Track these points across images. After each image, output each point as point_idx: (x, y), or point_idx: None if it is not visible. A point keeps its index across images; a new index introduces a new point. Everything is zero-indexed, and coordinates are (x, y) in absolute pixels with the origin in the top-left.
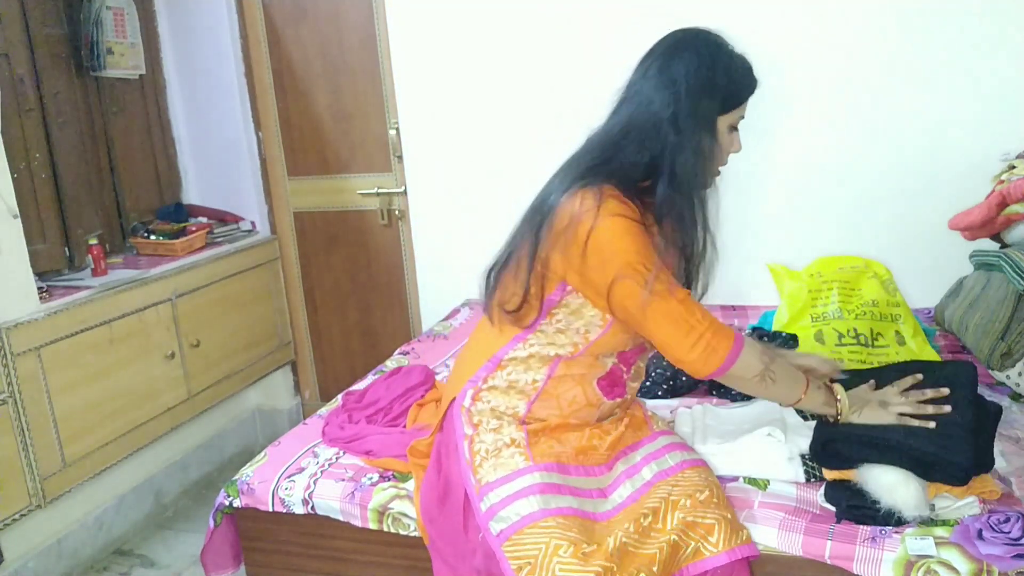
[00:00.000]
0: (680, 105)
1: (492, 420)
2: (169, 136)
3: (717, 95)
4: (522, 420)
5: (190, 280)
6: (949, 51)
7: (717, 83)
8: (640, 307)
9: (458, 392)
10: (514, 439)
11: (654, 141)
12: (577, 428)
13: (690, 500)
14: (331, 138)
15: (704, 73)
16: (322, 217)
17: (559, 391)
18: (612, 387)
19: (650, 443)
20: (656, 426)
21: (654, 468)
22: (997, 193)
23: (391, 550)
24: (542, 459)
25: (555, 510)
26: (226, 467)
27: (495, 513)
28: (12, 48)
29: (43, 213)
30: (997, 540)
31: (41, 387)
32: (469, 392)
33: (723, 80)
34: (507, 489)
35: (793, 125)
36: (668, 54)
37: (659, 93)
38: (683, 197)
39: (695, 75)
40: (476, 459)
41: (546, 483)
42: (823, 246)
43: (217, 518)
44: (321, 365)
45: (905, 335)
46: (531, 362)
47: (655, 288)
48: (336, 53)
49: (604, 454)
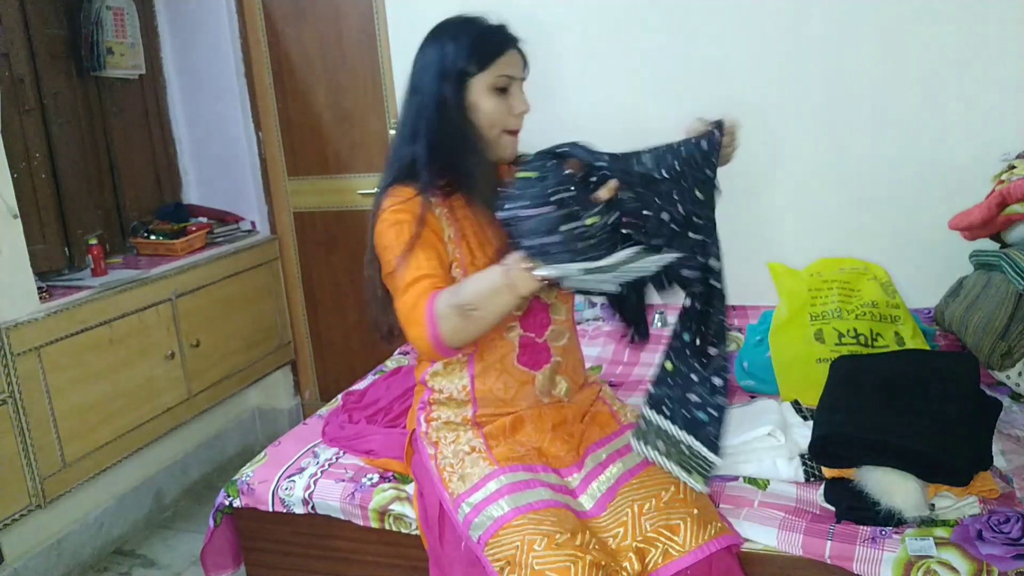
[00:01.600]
0: (417, 81)
1: (448, 433)
2: (169, 136)
3: (453, 60)
4: (474, 421)
5: (190, 280)
6: (949, 51)
7: (448, 50)
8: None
9: (414, 422)
10: (473, 446)
11: (411, 125)
12: (534, 428)
13: (654, 500)
14: (331, 138)
15: (433, 44)
16: (322, 217)
17: (489, 385)
18: (534, 358)
19: (617, 438)
20: (624, 419)
21: (620, 467)
22: (997, 193)
23: (391, 550)
24: (506, 462)
25: (526, 507)
26: (226, 467)
27: (471, 522)
28: (12, 48)
29: (43, 213)
30: (997, 540)
31: (41, 387)
32: (420, 417)
33: (455, 45)
34: (477, 497)
35: (794, 126)
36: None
37: (408, 90)
38: (458, 164)
39: (423, 51)
40: (444, 475)
41: (513, 483)
42: (823, 247)
43: (217, 518)
44: (321, 365)
45: (905, 336)
46: (450, 371)
47: (393, 284)
48: (336, 53)
49: (569, 455)
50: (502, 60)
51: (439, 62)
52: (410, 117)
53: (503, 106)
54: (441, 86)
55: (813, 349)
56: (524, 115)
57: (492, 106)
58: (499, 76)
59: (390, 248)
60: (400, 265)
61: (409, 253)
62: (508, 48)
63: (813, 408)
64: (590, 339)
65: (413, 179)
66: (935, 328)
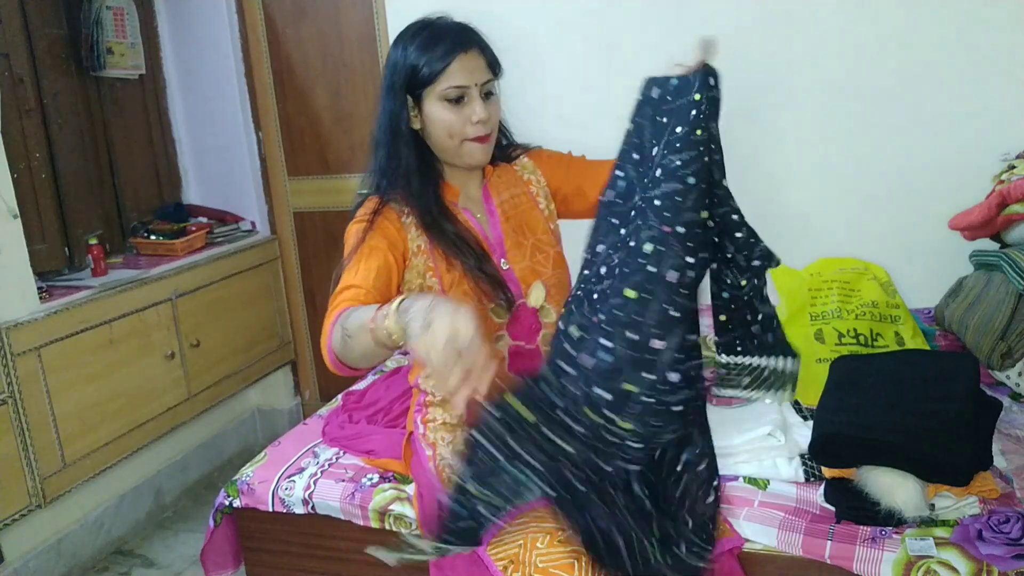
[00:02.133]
0: (381, 91)
1: (446, 434)
2: (169, 136)
3: (403, 74)
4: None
5: (190, 280)
6: (949, 51)
7: (398, 64)
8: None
9: (412, 424)
10: None
11: (373, 137)
12: None
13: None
14: (331, 138)
15: (392, 53)
16: (322, 217)
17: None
18: (527, 365)
19: None
20: None
21: None
22: (997, 193)
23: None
24: None
25: (526, 504)
26: (226, 467)
27: None
28: (12, 48)
29: (43, 213)
30: (997, 540)
31: (41, 387)
32: (417, 419)
33: (404, 57)
34: None
35: (794, 126)
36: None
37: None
38: (405, 184)
39: (388, 59)
40: (444, 475)
41: None
42: (823, 247)
43: (217, 518)
44: (321, 365)
45: (905, 336)
46: None
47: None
48: (336, 53)
49: None
50: (451, 70)
51: (390, 75)
52: (374, 128)
53: (459, 116)
54: (392, 101)
55: (813, 349)
56: (486, 122)
57: (446, 117)
58: (448, 88)
59: (346, 256)
60: (339, 273)
61: (349, 263)
62: (457, 56)
63: (813, 408)
64: None
65: (387, 191)
66: (935, 328)
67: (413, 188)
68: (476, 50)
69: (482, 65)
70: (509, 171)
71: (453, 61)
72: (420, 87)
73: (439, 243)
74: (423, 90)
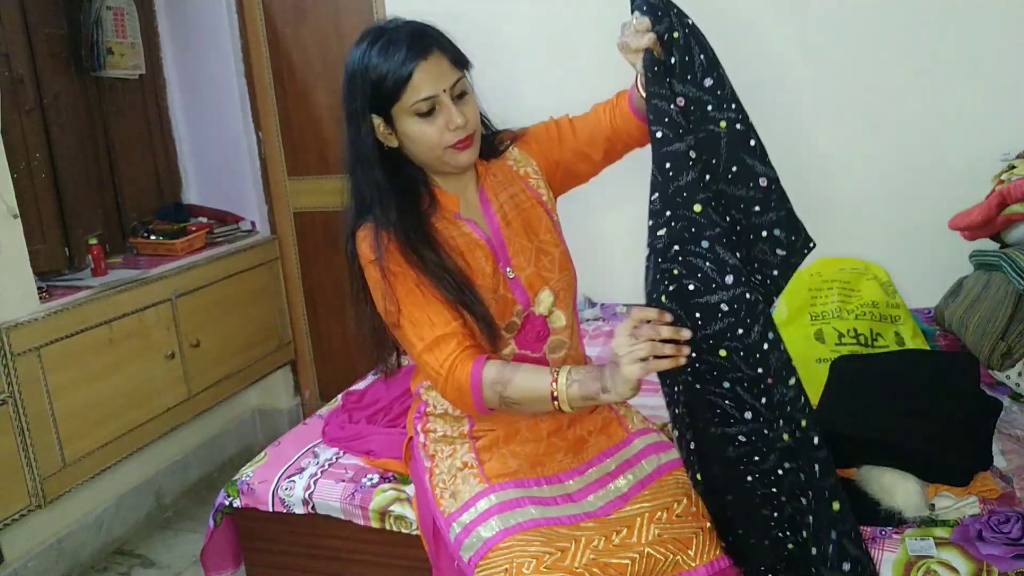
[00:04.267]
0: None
1: (445, 447)
2: (169, 136)
3: (361, 101)
4: (471, 435)
5: (190, 280)
6: (949, 51)
7: (357, 85)
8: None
9: (412, 430)
10: (465, 461)
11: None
12: (530, 436)
13: (667, 513)
14: (331, 138)
15: (347, 83)
16: (322, 217)
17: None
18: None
19: (626, 447)
20: (631, 426)
21: (630, 478)
22: (997, 193)
23: (391, 550)
24: (497, 479)
25: (515, 527)
26: (226, 467)
27: (462, 542)
28: (12, 48)
29: (43, 213)
30: (997, 540)
31: (41, 387)
32: (417, 427)
33: (365, 78)
34: (468, 516)
35: (793, 126)
36: None
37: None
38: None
39: (344, 89)
40: (437, 491)
41: (503, 502)
42: (823, 247)
43: (217, 518)
44: (321, 365)
45: (905, 336)
46: None
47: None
48: (336, 53)
49: (568, 459)
50: (414, 82)
51: (350, 100)
52: (344, 154)
53: (435, 127)
54: (354, 128)
55: (813, 349)
56: (464, 126)
57: (423, 130)
58: (416, 102)
59: (388, 299)
60: (407, 321)
61: (403, 317)
62: (417, 65)
63: (813, 408)
64: (591, 339)
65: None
66: (935, 328)
67: (391, 217)
68: (436, 52)
69: (446, 67)
70: (503, 167)
71: (415, 72)
72: (386, 106)
73: (422, 273)
74: (390, 109)
